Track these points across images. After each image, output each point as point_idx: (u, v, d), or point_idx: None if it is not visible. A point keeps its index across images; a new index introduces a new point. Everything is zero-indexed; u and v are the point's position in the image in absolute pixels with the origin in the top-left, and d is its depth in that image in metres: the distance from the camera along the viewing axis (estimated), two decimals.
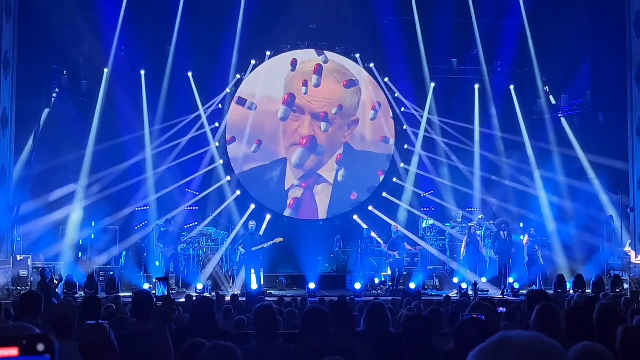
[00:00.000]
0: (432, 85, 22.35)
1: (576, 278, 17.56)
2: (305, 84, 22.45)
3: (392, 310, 8.60)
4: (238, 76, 22.06)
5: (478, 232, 19.22)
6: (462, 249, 18.97)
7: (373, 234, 20.42)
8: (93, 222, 19.80)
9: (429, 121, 22.54)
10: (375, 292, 18.53)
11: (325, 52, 22.56)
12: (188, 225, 20.77)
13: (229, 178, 21.99)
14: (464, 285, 17.73)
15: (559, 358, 1.75)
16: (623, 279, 17.63)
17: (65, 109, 19.94)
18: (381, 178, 22.84)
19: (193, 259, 19.50)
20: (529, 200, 21.37)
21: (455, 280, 18.45)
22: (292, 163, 22.37)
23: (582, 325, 5.48)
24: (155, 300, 4.55)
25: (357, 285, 17.46)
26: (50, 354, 1.57)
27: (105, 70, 20.58)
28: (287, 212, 22.48)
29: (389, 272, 18.96)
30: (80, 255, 19.26)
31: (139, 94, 21.06)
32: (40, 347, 1.56)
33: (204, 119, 21.66)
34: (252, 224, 19.16)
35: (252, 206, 21.77)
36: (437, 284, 19.51)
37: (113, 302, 11.29)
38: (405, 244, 19.49)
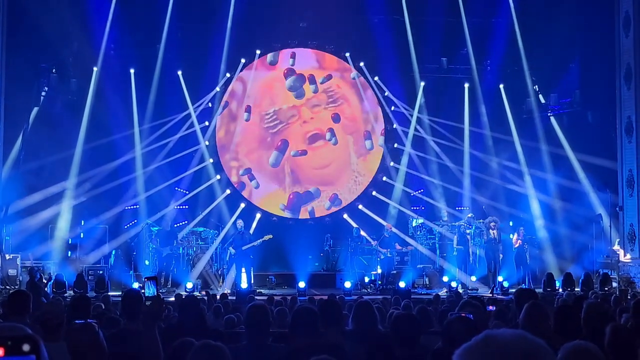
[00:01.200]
0: (422, 84, 22.35)
1: (565, 276, 17.57)
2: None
3: (381, 309, 8.60)
4: (228, 75, 22.02)
5: (468, 231, 19.25)
6: (455, 243, 19.04)
7: (363, 233, 20.43)
8: (82, 221, 19.74)
9: (418, 120, 22.55)
10: (365, 290, 18.52)
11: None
12: (177, 224, 20.71)
13: (218, 177, 21.95)
14: (453, 284, 17.76)
15: (544, 356, 1.76)
16: (612, 277, 17.69)
17: (55, 108, 19.87)
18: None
19: (183, 257, 19.45)
20: (518, 199, 21.41)
21: (445, 278, 18.49)
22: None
23: (570, 323, 5.49)
24: (144, 299, 4.55)
25: (347, 284, 17.47)
26: (35, 354, 1.57)
27: (95, 69, 20.51)
28: (278, 211, 22.48)
29: (379, 271, 18.96)
30: (69, 254, 19.17)
31: (128, 93, 21.00)
32: (26, 347, 1.56)
33: (193, 117, 21.59)
34: (239, 223, 19.12)
35: (242, 205, 21.76)
36: (427, 283, 19.55)
37: (102, 301, 11.26)
38: (396, 244, 19.54)
